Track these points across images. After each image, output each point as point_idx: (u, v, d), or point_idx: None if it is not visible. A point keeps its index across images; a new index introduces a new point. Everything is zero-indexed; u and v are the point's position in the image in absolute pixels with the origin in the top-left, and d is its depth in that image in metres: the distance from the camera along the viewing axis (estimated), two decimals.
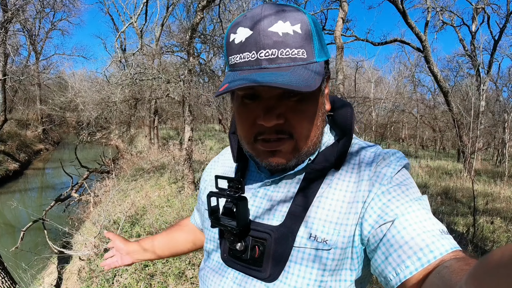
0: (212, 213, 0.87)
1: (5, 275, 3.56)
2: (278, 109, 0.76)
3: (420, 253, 0.66)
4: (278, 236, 0.81)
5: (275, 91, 0.75)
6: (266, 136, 0.78)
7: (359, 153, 0.87)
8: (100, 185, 10.47)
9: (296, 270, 0.79)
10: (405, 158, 0.85)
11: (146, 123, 17.00)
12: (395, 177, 0.80)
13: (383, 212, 0.74)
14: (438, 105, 25.47)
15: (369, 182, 0.80)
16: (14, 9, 13.24)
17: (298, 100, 0.77)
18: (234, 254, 0.87)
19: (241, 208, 0.82)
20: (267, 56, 0.72)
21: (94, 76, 18.92)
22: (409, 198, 0.75)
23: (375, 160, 0.83)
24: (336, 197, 0.81)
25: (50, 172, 17.56)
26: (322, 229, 0.79)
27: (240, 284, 0.85)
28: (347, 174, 0.84)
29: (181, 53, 9.36)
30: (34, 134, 24.02)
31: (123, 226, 6.11)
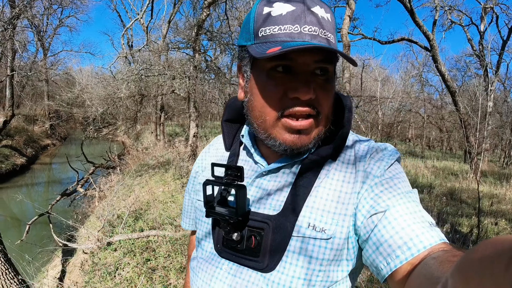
0: (207, 202, 0.87)
1: (8, 266, 3.60)
2: (312, 84, 0.76)
3: (410, 243, 0.67)
4: (276, 225, 0.80)
5: (312, 66, 0.76)
6: (299, 108, 0.77)
7: (355, 145, 0.89)
8: (105, 180, 10.55)
9: (294, 260, 0.79)
10: (397, 152, 0.87)
11: (152, 119, 17.07)
12: (388, 170, 0.81)
13: (375, 203, 0.76)
14: (446, 105, 25.35)
15: (363, 174, 0.82)
16: (21, 5, 13.30)
17: (326, 79, 0.79)
18: (229, 245, 0.85)
19: (240, 197, 0.80)
20: (310, 32, 0.74)
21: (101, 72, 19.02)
22: (400, 190, 0.77)
23: (369, 152, 0.85)
24: (333, 187, 0.82)
25: (57, 167, 17.71)
26: (321, 218, 0.79)
27: (235, 275, 0.84)
28: (344, 165, 0.85)
29: (187, 49, 9.37)
30: (41, 130, 24.21)
31: (126, 220, 6.15)
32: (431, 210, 6.86)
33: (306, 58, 0.75)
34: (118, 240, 5.40)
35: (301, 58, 0.75)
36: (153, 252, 5.12)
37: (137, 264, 4.79)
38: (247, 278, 0.82)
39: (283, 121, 0.79)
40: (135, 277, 4.55)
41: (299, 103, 0.77)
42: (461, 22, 17.42)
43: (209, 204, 0.87)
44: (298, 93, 0.75)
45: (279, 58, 0.75)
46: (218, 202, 0.87)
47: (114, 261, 4.96)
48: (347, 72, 10.28)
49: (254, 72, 0.83)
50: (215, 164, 0.88)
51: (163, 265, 4.80)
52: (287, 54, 0.74)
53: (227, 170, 0.86)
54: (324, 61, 0.76)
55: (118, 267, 4.84)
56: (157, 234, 5.51)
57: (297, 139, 0.79)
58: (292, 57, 0.75)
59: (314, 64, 0.76)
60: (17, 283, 3.63)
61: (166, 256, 4.99)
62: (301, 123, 0.78)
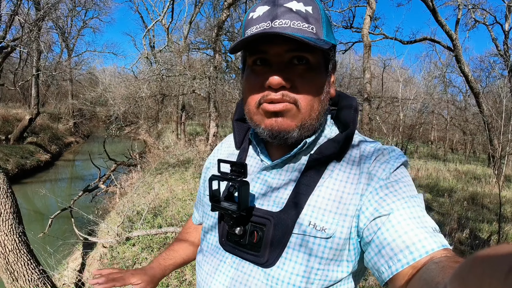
0: (212, 196, 0.90)
1: (31, 257, 3.72)
2: (286, 73, 0.79)
3: (412, 247, 0.68)
4: (278, 222, 0.82)
5: (285, 56, 0.79)
6: (272, 96, 0.79)
7: (360, 146, 0.90)
8: (126, 178, 10.74)
9: (294, 257, 0.81)
10: (403, 156, 0.87)
11: (173, 118, 17.21)
12: (393, 173, 0.82)
13: (379, 206, 0.76)
14: (470, 107, 24.81)
15: (368, 176, 0.82)
16: (46, 8, 13.63)
17: (306, 68, 0.81)
18: (233, 239, 0.88)
19: (243, 192, 0.82)
20: (280, 25, 0.77)
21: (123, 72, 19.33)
22: (405, 194, 0.77)
23: (375, 155, 0.86)
24: (336, 187, 0.83)
25: (80, 164, 18.00)
26: (322, 217, 0.80)
27: (237, 269, 0.87)
28: (348, 165, 0.86)
29: (208, 50, 9.47)
30: (65, 127, 24.71)
31: (145, 216, 6.26)
32: (450, 215, 6.80)
33: (277, 49, 0.78)
34: (137, 235, 5.50)
35: (272, 49, 0.79)
36: None
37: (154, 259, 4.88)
38: (248, 272, 0.85)
39: (261, 107, 0.82)
40: None
41: (272, 90, 0.79)
42: (485, 21, 17.02)
43: (214, 199, 0.90)
44: (269, 81, 0.78)
45: (254, 53, 0.81)
46: (224, 197, 0.90)
47: (132, 255, 5.06)
48: (368, 73, 10.19)
49: (245, 70, 0.89)
50: (221, 160, 0.91)
51: None
52: (260, 47, 0.80)
53: (232, 167, 0.89)
54: (298, 50, 0.78)
55: (136, 262, 4.94)
56: (175, 231, 5.58)
57: (274, 122, 0.82)
58: (265, 50, 0.79)
59: (288, 54, 0.79)
60: (38, 274, 3.75)
61: None
62: (275, 105, 0.80)
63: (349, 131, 0.88)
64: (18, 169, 13.83)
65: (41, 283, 3.73)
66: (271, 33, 0.73)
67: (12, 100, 27.25)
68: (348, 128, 0.89)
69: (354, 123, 0.89)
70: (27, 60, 18.38)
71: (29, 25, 13.07)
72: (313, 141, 0.90)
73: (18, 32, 14.90)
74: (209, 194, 0.91)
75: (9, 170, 12.76)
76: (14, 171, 13.38)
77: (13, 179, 10.81)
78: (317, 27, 0.79)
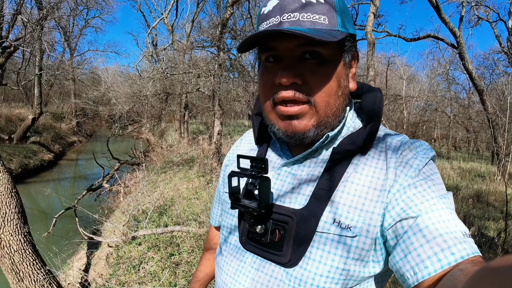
0: (232, 193, 0.86)
1: (36, 257, 3.69)
2: (297, 69, 0.77)
3: (440, 255, 0.65)
4: (300, 220, 0.78)
5: (296, 51, 0.76)
6: (283, 94, 0.77)
7: (386, 139, 0.85)
8: (130, 176, 10.72)
9: (318, 256, 0.77)
10: (432, 150, 0.82)
11: (176, 117, 17.21)
12: (422, 170, 0.77)
13: (407, 206, 0.72)
14: (473, 104, 24.71)
15: (395, 171, 0.78)
16: (48, 7, 13.64)
17: (318, 63, 0.77)
18: (253, 237, 0.85)
19: (264, 188, 0.79)
20: (289, 19, 0.75)
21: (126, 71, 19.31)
22: (434, 194, 0.73)
23: (401, 149, 0.81)
24: (362, 183, 0.79)
25: (83, 163, 18.04)
26: (347, 215, 0.76)
27: (258, 269, 0.83)
28: (374, 160, 0.82)
29: (212, 48, 9.43)
30: (68, 127, 24.74)
31: (151, 215, 6.23)
32: (457, 213, 6.67)
33: (286, 44, 0.75)
34: (143, 234, 5.48)
35: (282, 45, 0.76)
36: (177, 247, 5.17)
37: (161, 258, 4.85)
38: (270, 272, 0.81)
39: (277, 108, 0.80)
40: (159, 271, 4.61)
41: (283, 88, 0.77)
42: (488, 18, 16.89)
43: (234, 196, 0.86)
44: (278, 79, 0.76)
45: (266, 50, 0.79)
46: (244, 194, 0.88)
47: (139, 255, 5.03)
48: (372, 70, 10.14)
49: (259, 66, 0.87)
50: (241, 156, 0.88)
51: (186, 260, 4.84)
52: (270, 44, 0.77)
53: (252, 162, 0.85)
54: (310, 44, 0.75)
55: (142, 261, 4.91)
56: (181, 230, 5.56)
57: (288, 125, 0.80)
58: (275, 46, 0.77)
59: (299, 49, 0.76)
60: (44, 274, 3.72)
61: (190, 251, 5.04)
62: (290, 108, 0.78)
63: (373, 123, 0.84)
64: (22, 169, 13.85)
65: (46, 283, 3.71)
66: (273, 31, 0.71)
67: (15, 100, 27.27)
68: (372, 120, 0.84)
69: (378, 115, 0.85)
70: (30, 59, 18.38)
71: (32, 24, 13.06)
72: (336, 134, 0.86)
73: (21, 31, 14.90)
74: (229, 191, 0.87)
75: (12, 170, 12.77)
76: (18, 171, 13.40)
77: (16, 179, 10.74)
78: (331, 16, 0.76)
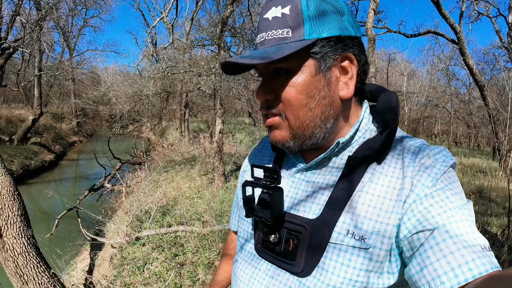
0: (246, 202, 0.87)
1: (40, 259, 3.66)
2: (269, 85, 0.80)
3: (458, 270, 0.62)
4: (314, 230, 0.78)
5: (269, 69, 0.80)
6: (262, 110, 0.82)
7: (403, 146, 0.81)
8: (132, 176, 10.70)
9: (331, 268, 0.76)
10: (452, 157, 0.78)
11: (177, 116, 17.19)
12: (440, 179, 0.73)
13: (423, 218, 0.70)
14: (474, 99, 24.64)
15: (412, 181, 0.74)
16: (47, 7, 13.59)
17: (287, 76, 0.78)
18: (268, 246, 0.85)
19: (276, 199, 0.80)
20: (260, 40, 0.79)
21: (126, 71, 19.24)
22: (453, 205, 0.70)
23: (419, 156, 0.77)
24: (377, 193, 0.76)
25: (84, 163, 18.01)
26: (361, 226, 0.75)
27: (272, 277, 0.83)
28: (390, 168, 0.78)
29: (212, 46, 9.39)
30: (68, 127, 24.77)
31: (154, 216, 6.21)
32: None
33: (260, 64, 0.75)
34: (147, 235, 5.45)
35: (258, 65, 0.80)
36: (181, 248, 5.15)
37: (166, 259, 4.83)
38: (284, 281, 0.81)
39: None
40: (163, 271, 4.59)
41: (261, 103, 0.83)
42: (488, 13, 16.82)
43: (248, 205, 0.87)
44: (255, 96, 0.82)
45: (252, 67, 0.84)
46: (258, 203, 0.87)
47: (143, 255, 5.01)
48: (373, 67, 10.09)
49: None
50: (254, 165, 0.88)
51: (191, 260, 4.82)
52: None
53: (265, 172, 0.85)
54: (277, 62, 0.75)
55: (146, 262, 4.89)
56: (185, 230, 5.53)
57: (271, 134, 0.83)
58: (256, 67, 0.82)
59: (270, 67, 0.79)
60: (48, 277, 3.69)
61: (194, 251, 5.02)
62: (268, 120, 0.82)
63: (389, 130, 0.80)
64: (23, 170, 13.83)
65: (51, 286, 3.68)
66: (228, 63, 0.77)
67: (15, 101, 27.27)
68: (388, 126, 0.81)
69: (394, 121, 0.81)
70: (29, 60, 18.33)
71: (31, 25, 13.01)
72: (348, 141, 0.83)
73: (20, 32, 14.84)
74: (243, 200, 0.88)
75: (13, 171, 12.76)
76: (19, 172, 13.39)
77: (17, 180, 10.78)
78: (295, 27, 0.75)
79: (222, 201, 7.22)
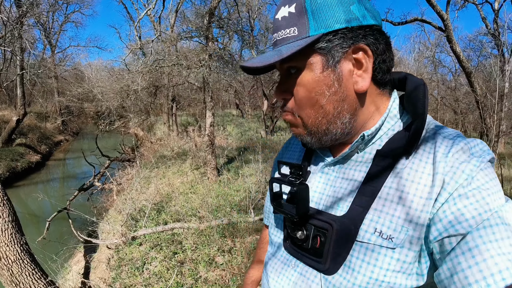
0: (274, 198, 0.88)
1: (35, 266, 3.50)
2: (283, 85, 0.81)
3: (490, 279, 0.58)
4: (340, 228, 0.75)
5: (283, 68, 0.80)
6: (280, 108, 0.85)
7: (435, 139, 0.75)
8: (122, 174, 10.48)
9: (357, 267, 0.73)
10: (489, 151, 0.71)
11: (164, 110, 16.97)
12: (476, 177, 0.67)
13: (456, 220, 0.65)
14: (460, 86, 24.85)
15: (444, 178, 0.68)
16: (28, 4, 13.26)
17: (297, 75, 0.78)
18: (296, 242, 0.85)
19: (300, 196, 0.79)
20: (274, 41, 0.80)
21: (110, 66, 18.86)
22: (488, 207, 0.64)
23: (453, 151, 0.71)
24: (407, 190, 0.71)
25: (71, 162, 17.68)
26: (389, 224, 0.71)
27: (300, 273, 0.83)
28: (421, 164, 0.73)
29: (199, 38, 9.20)
30: (53, 126, 24.25)
31: (149, 214, 6.05)
32: None
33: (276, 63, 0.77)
34: (143, 234, 5.31)
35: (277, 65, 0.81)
36: (179, 245, 5.03)
37: (165, 257, 4.70)
38: (312, 278, 0.80)
39: None
40: (163, 271, 4.46)
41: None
42: (474, 1, 16.90)
43: (276, 201, 0.87)
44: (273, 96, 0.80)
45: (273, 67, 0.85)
46: (287, 199, 0.88)
47: (141, 255, 4.87)
48: None
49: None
50: (281, 162, 0.91)
51: (191, 258, 4.70)
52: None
53: (291, 169, 0.88)
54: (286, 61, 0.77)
55: (145, 262, 4.75)
56: (182, 227, 5.41)
57: (292, 130, 0.85)
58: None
59: (282, 66, 0.80)
60: (44, 283, 3.55)
61: (193, 248, 4.90)
62: (284, 116, 0.84)
63: (418, 122, 0.75)
64: (9, 172, 13.53)
65: None
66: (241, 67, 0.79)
67: None
68: (416, 118, 0.76)
69: (423, 113, 0.75)
70: (11, 59, 17.87)
71: (11, 22, 12.66)
72: (374, 133, 0.80)
73: (0, 31, 14.41)
74: (270, 196, 0.89)
75: (0, 175, 12.45)
76: (6, 175, 13.09)
77: (5, 183, 10.49)
78: (301, 24, 0.75)
79: (217, 195, 7.10)
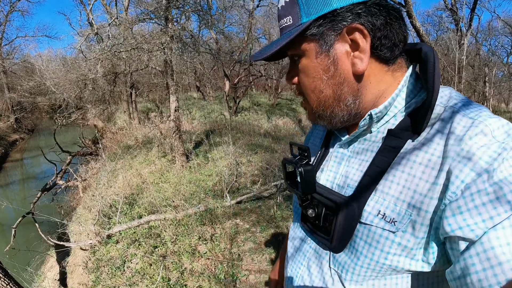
0: (287, 178, 0.91)
1: (9, 281, 3.20)
2: (291, 72, 0.83)
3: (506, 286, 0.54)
4: (345, 208, 0.75)
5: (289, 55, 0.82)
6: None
7: (452, 118, 0.67)
8: (86, 168, 10.03)
9: (360, 247, 0.74)
10: None
11: (123, 98, 16.39)
12: (499, 168, 0.58)
13: (471, 218, 0.59)
14: None
15: (457, 164, 0.61)
16: None
17: (298, 62, 0.79)
18: (309, 220, 0.88)
19: (304, 176, 0.80)
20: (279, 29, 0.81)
21: (62, 56, 18.00)
22: (508, 206, 0.56)
23: (469, 132, 0.62)
24: (413, 172, 0.68)
25: (30, 162, 16.91)
26: (393, 207, 0.69)
27: (315, 249, 0.86)
28: (432, 144, 0.67)
29: (158, 20, 8.80)
30: (6, 125, 23.16)
31: (121, 208, 5.74)
32: None
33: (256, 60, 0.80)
34: (118, 231, 5.03)
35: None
36: (158, 238, 4.81)
37: (145, 253, 4.47)
38: (323, 254, 0.83)
39: None
40: (146, 267, 4.23)
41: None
42: None
43: (290, 180, 0.91)
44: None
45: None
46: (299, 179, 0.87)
47: (120, 254, 4.61)
48: None
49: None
50: (292, 143, 0.94)
51: (172, 250, 4.50)
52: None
53: (299, 150, 0.89)
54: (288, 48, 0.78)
55: (125, 260, 4.50)
56: (158, 219, 5.17)
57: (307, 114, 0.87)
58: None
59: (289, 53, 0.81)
60: None
61: (174, 240, 4.69)
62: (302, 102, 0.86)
63: (428, 97, 0.69)
64: None
65: None
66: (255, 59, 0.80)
67: None
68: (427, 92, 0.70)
69: (434, 85, 0.69)
70: None
71: None
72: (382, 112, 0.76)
73: None
74: (283, 175, 0.93)
75: None
76: None
77: None
78: (294, 13, 0.75)
79: (189, 181, 6.87)
